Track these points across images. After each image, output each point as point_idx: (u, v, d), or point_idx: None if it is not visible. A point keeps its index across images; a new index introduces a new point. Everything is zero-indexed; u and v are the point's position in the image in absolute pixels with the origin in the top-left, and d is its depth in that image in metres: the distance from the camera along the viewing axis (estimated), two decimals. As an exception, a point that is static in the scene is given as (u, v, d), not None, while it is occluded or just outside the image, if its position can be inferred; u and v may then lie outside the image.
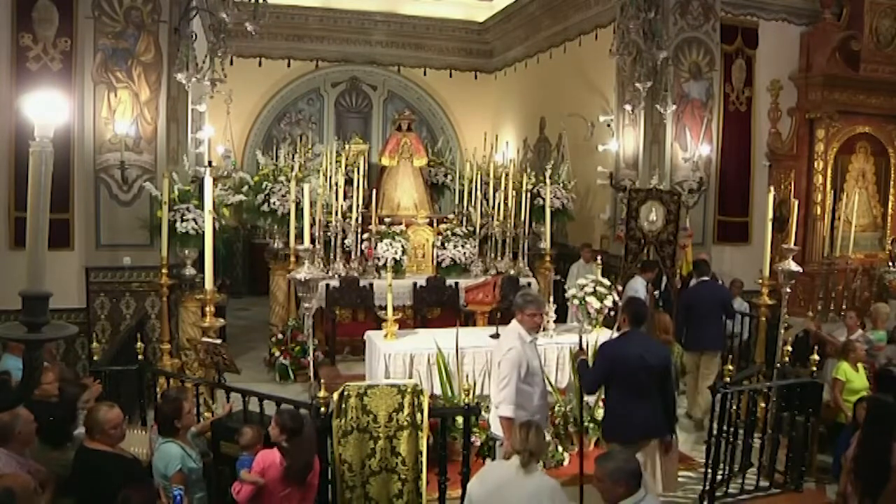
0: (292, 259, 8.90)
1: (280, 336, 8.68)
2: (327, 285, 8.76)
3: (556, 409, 6.30)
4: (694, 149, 9.64)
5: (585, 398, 6.37)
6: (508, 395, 4.68)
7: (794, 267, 6.64)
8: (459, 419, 5.29)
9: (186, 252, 7.65)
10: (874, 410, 4.75)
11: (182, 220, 7.37)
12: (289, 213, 9.03)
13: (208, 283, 5.77)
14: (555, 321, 6.94)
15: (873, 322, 7.25)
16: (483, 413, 5.67)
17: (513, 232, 9.83)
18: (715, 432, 5.46)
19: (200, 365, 6.19)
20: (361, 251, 9.32)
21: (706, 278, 7.66)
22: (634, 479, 3.29)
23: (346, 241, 9.25)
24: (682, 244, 8.92)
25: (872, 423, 4.66)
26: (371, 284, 8.89)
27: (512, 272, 9.51)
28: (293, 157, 10.01)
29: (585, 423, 6.27)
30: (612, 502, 3.28)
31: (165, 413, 4.29)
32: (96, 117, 7.51)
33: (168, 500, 3.93)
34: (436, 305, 9.26)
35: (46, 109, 2.02)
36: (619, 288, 7.75)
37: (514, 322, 5.01)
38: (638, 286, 7.90)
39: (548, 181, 9.87)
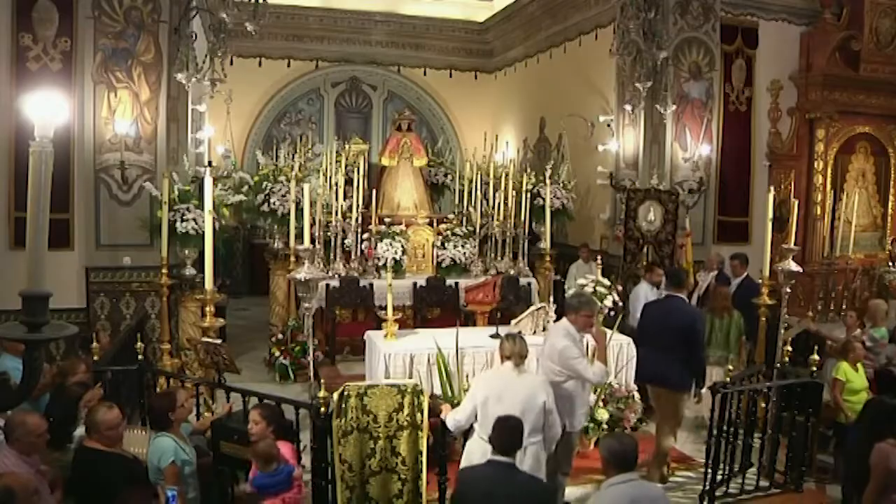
0: (292, 259, 8.89)
1: (280, 336, 8.68)
2: (327, 285, 8.76)
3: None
4: (694, 149, 9.63)
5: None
6: (583, 366, 4.88)
7: (794, 267, 6.64)
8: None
9: (186, 252, 7.65)
10: (876, 411, 4.76)
11: (182, 220, 7.36)
12: (289, 213, 9.02)
13: (208, 283, 5.78)
14: (555, 321, 6.93)
15: (871, 319, 7.26)
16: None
17: (513, 232, 9.83)
18: (715, 432, 5.47)
19: (200, 365, 6.19)
20: (361, 251, 9.32)
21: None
22: (621, 461, 3.47)
23: (346, 241, 9.25)
24: (679, 244, 8.91)
25: (872, 423, 4.66)
26: (371, 284, 8.88)
27: (512, 272, 9.51)
28: (293, 157, 9.99)
29: (585, 424, 6.27)
30: (606, 476, 3.56)
31: (160, 406, 4.28)
32: (96, 117, 7.51)
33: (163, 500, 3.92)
34: (436, 305, 9.26)
35: (46, 109, 2.02)
36: (619, 287, 7.74)
37: (562, 321, 5.14)
38: (641, 293, 7.53)
39: (548, 181, 9.86)
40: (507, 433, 3.68)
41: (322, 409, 4.64)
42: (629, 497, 3.37)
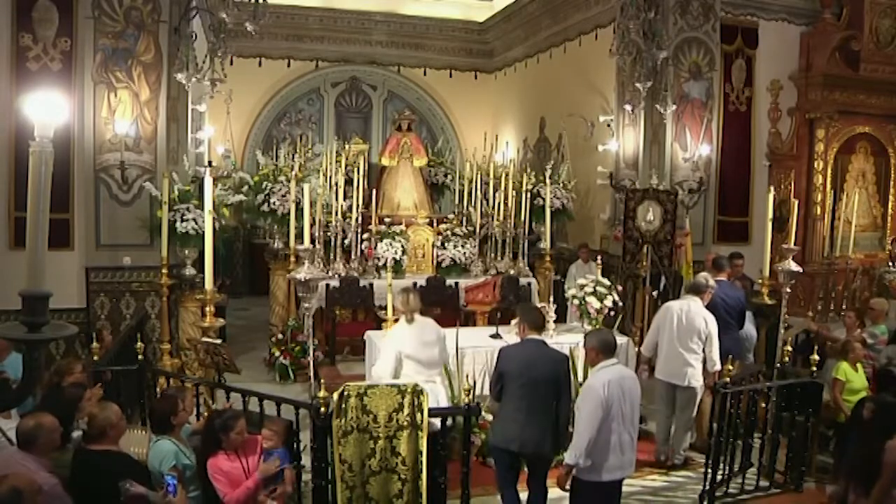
0: (292, 259, 8.89)
1: (280, 336, 8.68)
2: (327, 285, 8.76)
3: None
4: (694, 149, 9.63)
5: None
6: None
7: (794, 267, 6.63)
8: (459, 419, 5.29)
9: (186, 252, 7.64)
10: (883, 409, 4.74)
11: (182, 220, 7.36)
12: (289, 213, 9.02)
13: (208, 283, 5.77)
14: (555, 321, 6.94)
15: (871, 317, 7.26)
16: (483, 414, 5.69)
17: (513, 232, 9.83)
18: (715, 432, 5.47)
19: (200, 365, 6.19)
20: (361, 251, 9.31)
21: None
22: (606, 348, 4.43)
23: (346, 241, 9.25)
24: (678, 243, 8.90)
25: (880, 421, 4.65)
26: (371, 284, 8.88)
27: (512, 272, 9.51)
28: (293, 157, 9.99)
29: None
30: (592, 364, 4.55)
31: (162, 410, 4.27)
32: (96, 117, 7.51)
33: (163, 491, 3.91)
34: (436, 305, 9.25)
35: (46, 109, 2.02)
36: (619, 288, 7.74)
37: (698, 302, 6.12)
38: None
39: (548, 181, 9.86)
40: (536, 317, 4.78)
41: (322, 409, 4.64)
42: (617, 374, 4.36)
